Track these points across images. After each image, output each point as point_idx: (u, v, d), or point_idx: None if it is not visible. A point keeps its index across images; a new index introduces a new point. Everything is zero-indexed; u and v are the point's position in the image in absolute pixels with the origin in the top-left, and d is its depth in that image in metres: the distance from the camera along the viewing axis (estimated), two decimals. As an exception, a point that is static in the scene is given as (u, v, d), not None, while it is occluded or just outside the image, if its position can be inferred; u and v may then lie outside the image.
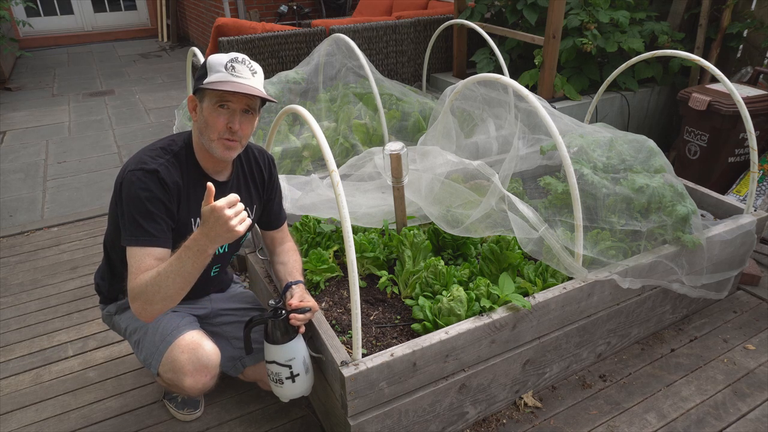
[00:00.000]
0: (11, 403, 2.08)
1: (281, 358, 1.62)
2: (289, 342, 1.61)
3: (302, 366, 1.65)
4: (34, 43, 8.86)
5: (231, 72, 1.52)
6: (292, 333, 1.62)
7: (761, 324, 2.41)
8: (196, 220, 1.68)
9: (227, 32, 4.19)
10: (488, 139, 3.16)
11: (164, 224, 1.57)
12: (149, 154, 1.60)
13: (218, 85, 1.50)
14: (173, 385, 1.71)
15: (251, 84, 1.55)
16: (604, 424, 1.94)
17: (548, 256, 1.91)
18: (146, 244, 1.54)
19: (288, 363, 1.62)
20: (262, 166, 1.85)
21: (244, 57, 1.58)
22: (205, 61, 1.56)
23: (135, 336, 1.78)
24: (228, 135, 1.57)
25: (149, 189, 1.54)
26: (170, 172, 1.58)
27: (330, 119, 3.42)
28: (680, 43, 3.97)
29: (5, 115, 5.54)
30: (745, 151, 3.27)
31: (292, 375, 1.64)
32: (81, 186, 3.95)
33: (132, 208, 1.54)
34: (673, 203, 2.09)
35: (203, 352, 1.67)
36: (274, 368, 1.64)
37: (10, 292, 2.75)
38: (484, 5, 4.31)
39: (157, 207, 1.55)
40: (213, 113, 1.55)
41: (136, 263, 1.52)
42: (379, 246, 2.13)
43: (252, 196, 1.83)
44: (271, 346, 1.62)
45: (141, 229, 1.54)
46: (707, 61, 2.39)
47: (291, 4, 7.37)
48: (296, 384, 1.66)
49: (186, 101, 1.83)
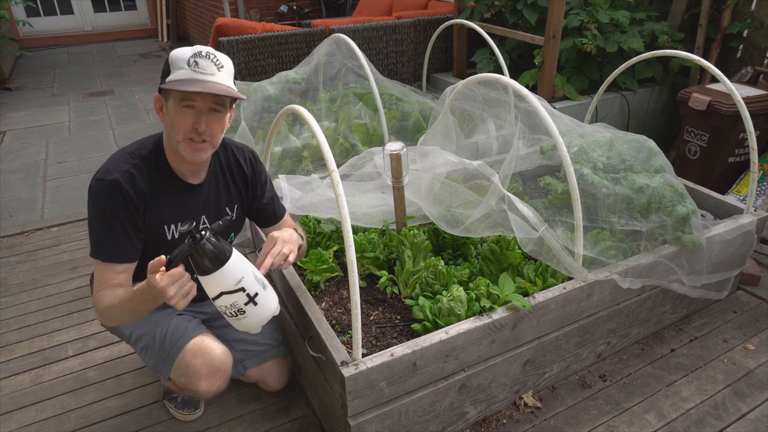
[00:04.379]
0: (11, 403, 2.08)
1: (228, 285, 1.34)
2: (227, 263, 1.32)
3: (255, 282, 1.39)
4: (34, 43, 8.86)
5: (194, 68, 1.43)
6: (226, 252, 1.32)
7: (761, 324, 2.41)
8: (170, 226, 1.63)
9: (227, 32, 4.19)
10: (488, 139, 3.16)
11: (125, 238, 1.54)
12: (117, 159, 1.55)
13: (180, 84, 1.41)
14: (186, 389, 1.70)
15: (216, 80, 1.45)
16: (604, 424, 1.94)
17: (548, 256, 1.91)
18: (107, 260, 1.54)
19: (238, 286, 1.35)
20: (243, 163, 1.78)
21: (208, 50, 1.46)
22: (168, 57, 1.47)
23: (141, 343, 1.76)
24: (194, 135, 1.49)
25: (109, 201, 1.49)
26: (135, 179, 1.52)
27: (330, 119, 3.42)
28: (680, 43, 3.97)
29: (5, 115, 5.54)
30: (745, 151, 3.27)
31: (250, 297, 1.38)
32: (81, 186, 3.95)
33: (93, 219, 1.53)
34: (673, 203, 2.08)
35: (216, 355, 1.66)
36: (226, 300, 1.36)
37: (10, 292, 2.75)
38: (484, 5, 4.31)
39: (118, 220, 1.51)
40: (178, 114, 1.47)
41: (98, 275, 1.56)
42: (379, 246, 2.13)
43: (232, 195, 1.78)
44: (208, 277, 1.32)
45: (102, 244, 1.53)
46: (707, 61, 2.39)
47: (291, 4, 7.37)
48: (260, 305, 1.40)
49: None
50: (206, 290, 1.37)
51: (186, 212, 1.65)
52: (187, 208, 1.66)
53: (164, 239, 1.63)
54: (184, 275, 1.32)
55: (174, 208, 1.63)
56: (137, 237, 1.57)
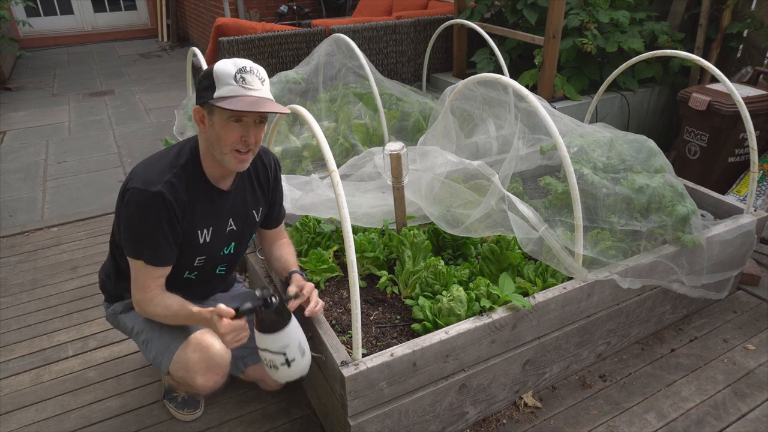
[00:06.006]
0: (11, 403, 2.08)
1: (274, 347, 1.56)
2: (281, 330, 1.53)
3: (297, 350, 1.59)
4: (34, 43, 8.86)
5: (242, 84, 1.47)
6: (285, 321, 1.54)
7: (761, 324, 2.41)
8: (202, 231, 1.68)
9: (227, 32, 4.19)
10: (488, 139, 3.16)
11: (166, 243, 1.59)
12: (157, 168, 1.58)
13: (232, 102, 1.45)
14: (184, 383, 1.73)
15: (263, 95, 1.50)
16: (604, 424, 1.94)
17: (548, 256, 1.91)
18: (150, 263, 1.59)
19: (282, 351, 1.56)
20: (268, 168, 1.84)
21: (251, 65, 1.51)
22: (211, 72, 1.49)
23: (143, 335, 1.78)
24: (241, 147, 1.55)
25: (153, 211, 1.53)
26: (175, 189, 1.57)
27: (330, 119, 3.42)
28: (680, 43, 3.97)
29: (5, 115, 5.54)
30: (745, 151, 3.27)
31: (288, 361, 1.57)
32: (81, 186, 3.96)
33: (134, 227, 1.57)
34: (673, 203, 2.08)
35: (215, 351, 1.67)
36: (267, 355, 1.58)
37: (10, 292, 2.75)
38: (484, 5, 4.31)
39: (159, 229, 1.56)
40: (225, 127, 1.51)
41: (138, 277, 1.62)
42: (379, 246, 2.13)
43: (258, 199, 1.83)
44: (262, 335, 1.55)
45: (142, 249, 1.58)
46: (707, 61, 2.39)
47: (291, 4, 7.37)
48: (292, 368, 1.59)
49: (186, 101, 1.83)
50: (256, 340, 1.58)
51: (216, 216, 1.71)
52: (218, 212, 1.71)
53: (197, 243, 1.69)
54: (244, 328, 1.54)
55: (206, 213, 1.68)
56: (176, 242, 1.62)
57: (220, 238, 1.74)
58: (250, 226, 1.84)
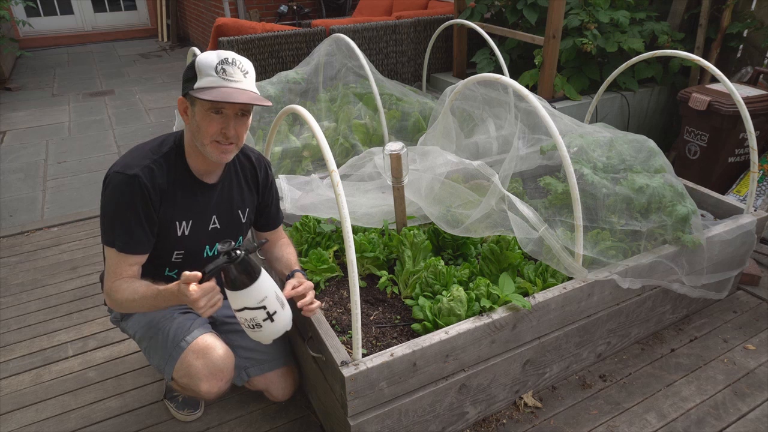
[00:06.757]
0: (11, 403, 2.08)
1: (252, 302, 1.46)
2: (255, 283, 1.43)
3: (276, 302, 1.51)
4: (34, 43, 8.86)
5: (222, 75, 1.47)
6: (255, 272, 1.44)
7: (761, 324, 2.41)
8: (181, 223, 1.66)
9: (227, 32, 4.19)
10: (488, 139, 3.16)
11: (141, 231, 1.57)
12: (138, 154, 1.59)
13: (210, 93, 1.45)
14: (188, 389, 1.71)
15: (244, 87, 1.50)
16: (604, 424, 1.94)
17: (548, 256, 1.91)
18: (121, 250, 1.58)
19: (261, 304, 1.47)
20: (258, 169, 1.83)
21: (234, 57, 1.51)
22: (194, 63, 1.50)
23: (144, 343, 1.78)
24: (221, 139, 1.54)
25: (128, 194, 1.53)
26: (154, 175, 1.56)
27: (330, 119, 3.42)
28: (680, 43, 3.97)
29: (5, 115, 5.54)
30: (745, 151, 3.27)
31: (269, 314, 1.49)
32: (81, 186, 3.96)
33: (111, 211, 1.56)
34: (673, 203, 2.09)
35: (217, 356, 1.67)
36: (247, 314, 1.48)
37: (10, 292, 2.75)
38: (484, 5, 4.31)
39: (135, 214, 1.55)
40: (205, 118, 1.51)
41: (112, 265, 1.60)
42: (379, 246, 2.13)
43: (245, 200, 1.81)
44: (236, 292, 1.44)
45: (118, 235, 1.56)
46: (707, 61, 2.39)
47: (291, 4, 7.37)
48: (276, 321, 1.52)
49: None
50: (231, 303, 1.47)
51: (198, 210, 1.69)
52: (200, 206, 1.70)
53: (174, 235, 1.67)
54: (215, 289, 1.44)
55: (187, 205, 1.67)
56: (152, 231, 1.61)
57: (200, 233, 1.72)
58: (236, 226, 1.81)
